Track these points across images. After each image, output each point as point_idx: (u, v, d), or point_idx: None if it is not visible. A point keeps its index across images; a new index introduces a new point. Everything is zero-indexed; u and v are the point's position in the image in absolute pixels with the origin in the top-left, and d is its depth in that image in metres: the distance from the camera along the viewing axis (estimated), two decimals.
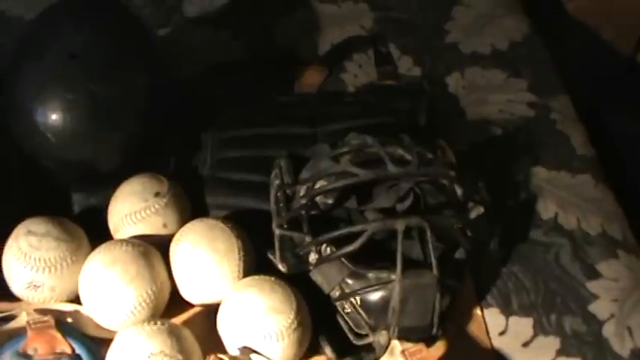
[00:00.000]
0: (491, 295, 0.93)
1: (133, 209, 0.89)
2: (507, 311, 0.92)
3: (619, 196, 1.04)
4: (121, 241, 0.87)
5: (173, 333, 0.79)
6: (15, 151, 0.97)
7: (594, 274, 0.95)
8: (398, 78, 1.12)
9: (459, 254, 0.88)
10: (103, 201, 0.94)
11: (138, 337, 0.79)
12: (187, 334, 0.81)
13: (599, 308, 0.92)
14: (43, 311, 0.87)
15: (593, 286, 0.94)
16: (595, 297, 0.93)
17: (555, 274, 0.95)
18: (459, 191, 0.90)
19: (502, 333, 0.90)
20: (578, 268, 0.95)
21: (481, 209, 0.92)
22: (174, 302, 0.88)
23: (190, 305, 0.89)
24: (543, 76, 1.16)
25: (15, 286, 0.87)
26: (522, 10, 1.26)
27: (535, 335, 0.90)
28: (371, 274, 0.83)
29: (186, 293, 0.87)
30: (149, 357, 0.77)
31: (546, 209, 1.00)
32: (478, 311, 0.92)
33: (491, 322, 0.91)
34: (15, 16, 1.21)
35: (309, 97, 1.08)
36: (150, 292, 0.84)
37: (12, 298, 0.90)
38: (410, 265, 0.82)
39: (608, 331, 0.91)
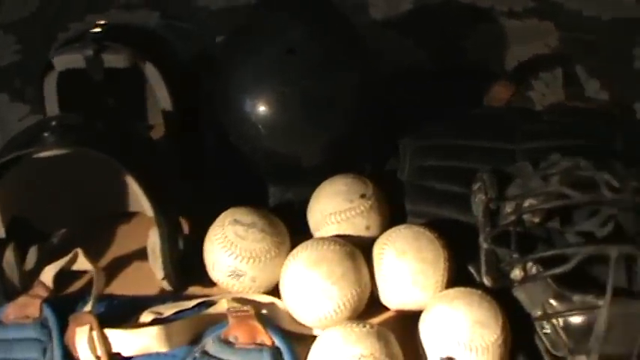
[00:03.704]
0: None
1: (337, 209, 0.90)
2: None
3: None
4: (328, 239, 0.87)
5: (382, 336, 0.80)
6: (214, 139, 1.00)
7: None
8: (586, 101, 1.12)
9: None
10: (298, 196, 0.95)
11: (347, 338, 0.79)
12: (393, 339, 0.81)
13: None
14: (242, 300, 0.88)
15: None
16: None
17: None
18: None
19: None
20: None
21: None
22: (370, 303, 0.88)
23: (385, 308, 0.89)
24: None
25: (217, 272, 0.89)
26: None
27: None
28: (576, 298, 0.82)
29: (386, 298, 0.88)
30: (359, 359, 0.78)
31: None
32: None
33: None
34: (201, 6, 1.25)
35: (501, 111, 1.08)
36: (354, 292, 0.84)
37: (206, 283, 0.92)
38: (615, 292, 0.82)
39: None
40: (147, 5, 1.26)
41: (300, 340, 0.86)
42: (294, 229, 0.93)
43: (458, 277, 0.88)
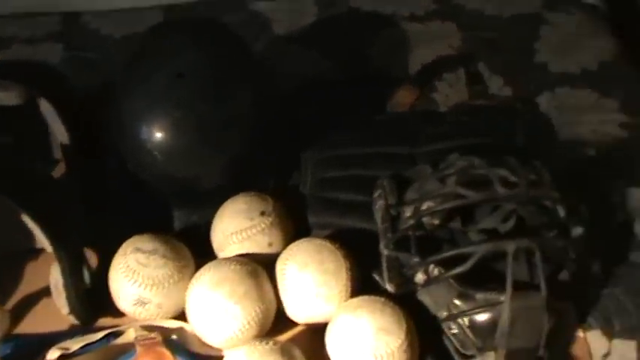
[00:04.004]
0: (593, 317, 0.92)
1: (238, 228, 0.90)
2: (610, 333, 0.91)
3: None
4: (229, 259, 0.88)
5: (285, 352, 0.80)
6: (116, 167, 0.99)
7: None
8: (490, 98, 1.13)
9: (563, 276, 0.88)
10: (204, 218, 0.94)
11: (251, 357, 0.79)
12: (298, 354, 0.81)
13: None
14: (149, 327, 0.88)
15: None
16: None
17: None
18: (561, 212, 0.90)
19: (605, 356, 0.90)
20: None
21: (580, 230, 0.92)
22: (279, 320, 0.88)
23: (294, 323, 0.89)
24: (634, 96, 1.15)
25: (122, 302, 0.89)
26: (610, 28, 1.26)
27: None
28: (479, 296, 0.83)
29: (292, 312, 0.88)
30: None
31: None
32: (581, 333, 0.91)
33: (594, 345, 0.90)
34: (104, 35, 1.24)
35: (405, 116, 1.08)
36: (258, 310, 0.84)
37: (116, 313, 0.91)
38: (517, 286, 0.82)
39: None
40: (50, 38, 1.25)
41: None
42: (201, 251, 0.92)
43: (366, 285, 0.88)
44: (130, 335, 0.87)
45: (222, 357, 0.84)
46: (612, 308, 0.93)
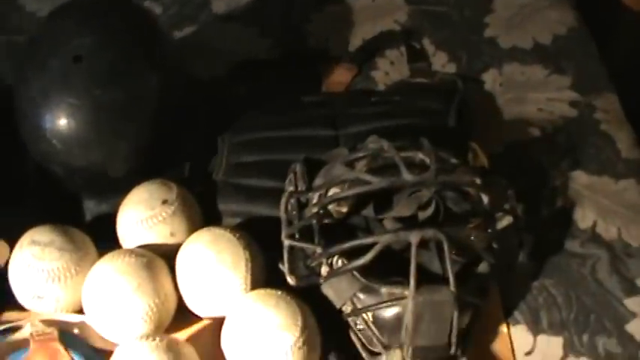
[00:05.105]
0: (520, 311, 0.87)
1: (139, 217, 0.86)
2: (536, 329, 0.85)
3: None
4: (125, 251, 0.84)
5: (172, 349, 0.76)
6: (29, 158, 0.96)
7: (634, 290, 0.88)
8: (431, 75, 1.06)
9: (482, 268, 0.83)
10: (114, 207, 0.90)
11: (135, 353, 0.75)
12: (188, 351, 0.77)
13: (637, 328, 0.85)
14: (49, 322, 0.84)
15: (631, 303, 0.87)
16: (633, 315, 0.86)
17: (590, 289, 0.88)
18: (485, 200, 0.84)
19: (529, 353, 0.84)
20: (616, 282, 0.88)
21: (507, 220, 0.86)
22: (184, 314, 0.84)
23: (199, 318, 0.85)
24: (588, 72, 1.08)
25: (21, 296, 0.85)
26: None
27: (565, 356, 0.84)
28: (384, 290, 0.78)
29: (192, 305, 0.84)
30: None
31: (584, 218, 0.93)
32: (504, 329, 0.85)
33: (517, 341, 0.85)
34: (29, 11, 1.17)
35: (334, 96, 1.02)
36: (153, 304, 0.80)
37: (21, 307, 0.87)
38: (427, 279, 0.77)
39: None
40: None
41: (110, 356, 0.81)
42: (114, 241, 0.88)
43: (278, 276, 0.82)
44: (26, 331, 0.83)
45: None
46: (541, 301, 0.88)
